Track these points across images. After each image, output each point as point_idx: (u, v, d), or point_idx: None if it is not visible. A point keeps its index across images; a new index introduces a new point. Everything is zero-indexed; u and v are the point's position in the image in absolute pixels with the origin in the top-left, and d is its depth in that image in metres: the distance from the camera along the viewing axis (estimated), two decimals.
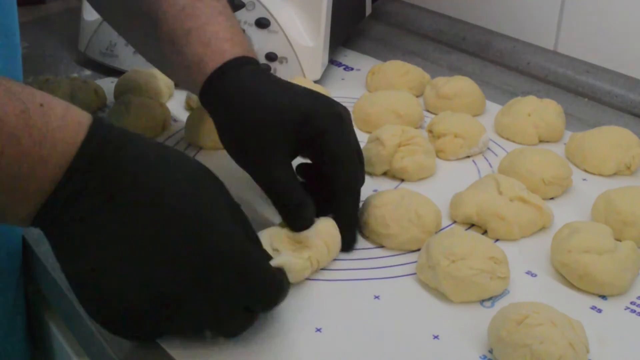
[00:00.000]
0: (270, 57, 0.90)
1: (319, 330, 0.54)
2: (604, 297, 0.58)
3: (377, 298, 0.57)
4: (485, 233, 0.65)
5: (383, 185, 0.72)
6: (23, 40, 0.64)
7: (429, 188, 0.70)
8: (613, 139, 0.74)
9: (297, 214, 0.58)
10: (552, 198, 0.70)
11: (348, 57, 1.03)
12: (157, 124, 0.80)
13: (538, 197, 0.66)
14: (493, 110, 0.86)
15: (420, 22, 1.12)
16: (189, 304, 0.47)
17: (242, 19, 0.90)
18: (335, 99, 0.63)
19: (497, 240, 0.64)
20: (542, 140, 0.80)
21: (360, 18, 1.09)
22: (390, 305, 0.57)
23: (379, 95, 0.83)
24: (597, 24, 0.92)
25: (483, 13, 1.05)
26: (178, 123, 0.83)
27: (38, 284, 0.68)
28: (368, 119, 0.81)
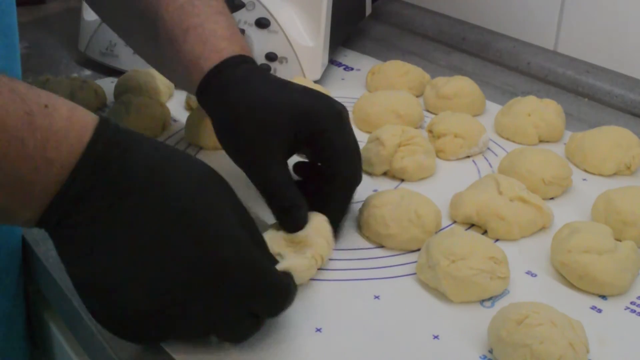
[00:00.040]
0: (270, 57, 0.90)
1: (319, 330, 0.54)
2: (604, 297, 0.58)
3: (377, 298, 0.57)
4: (485, 233, 0.65)
5: (383, 185, 0.72)
6: (23, 40, 0.64)
7: (429, 188, 0.70)
8: (613, 139, 0.74)
9: (290, 215, 0.58)
10: (552, 198, 0.70)
11: (348, 57, 1.03)
12: (157, 124, 0.79)
13: (538, 197, 0.66)
14: (493, 110, 0.86)
15: (420, 22, 1.12)
16: (195, 309, 0.46)
17: (242, 19, 0.90)
18: (335, 99, 0.63)
19: (497, 240, 0.64)
20: (542, 140, 0.80)
21: (360, 18, 1.09)
22: (390, 305, 0.57)
23: (379, 95, 0.83)
24: (597, 24, 0.92)
25: (483, 13, 1.05)
26: (178, 123, 0.83)
27: (38, 284, 0.68)
28: (368, 119, 0.81)
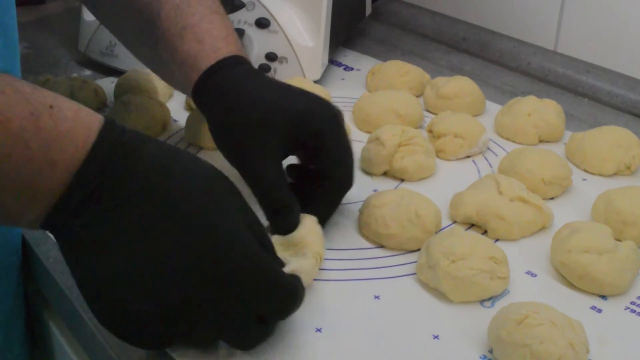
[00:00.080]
0: (270, 57, 0.90)
1: (319, 331, 0.54)
2: (604, 297, 0.58)
3: (377, 298, 0.57)
4: (485, 233, 0.65)
5: (383, 185, 0.72)
6: (23, 40, 0.64)
7: (429, 188, 0.70)
8: (613, 139, 0.74)
9: (282, 216, 0.58)
10: (552, 198, 0.70)
11: (348, 57, 1.03)
12: (157, 124, 0.79)
13: (538, 197, 0.66)
14: (493, 110, 0.86)
15: (420, 22, 1.12)
16: (202, 312, 0.46)
17: (242, 19, 0.90)
18: (335, 99, 0.63)
19: (497, 240, 0.64)
20: (542, 140, 0.80)
21: (360, 18, 1.09)
22: (390, 305, 0.57)
23: (379, 95, 0.83)
24: (597, 24, 0.92)
25: (483, 13, 1.05)
26: (178, 123, 0.83)
27: (38, 284, 0.68)
28: (368, 119, 0.81)
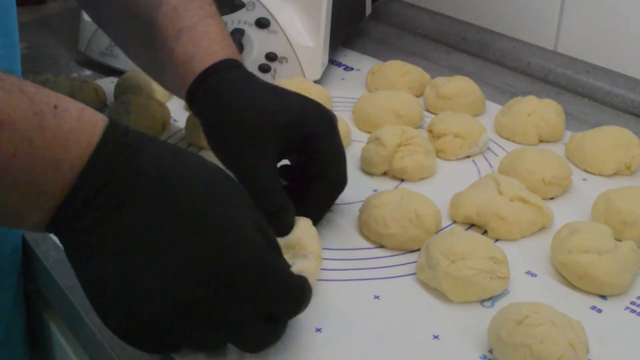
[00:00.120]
0: (270, 57, 0.90)
1: (319, 330, 0.54)
2: (604, 297, 0.58)
3: (377, 298, 0.57)
4: (485, 233, 0.65)
5: (383, 185, 0.72)
6: (23, 40, 0.64)
7: (429, 188, 0.70)
8: (613, 139, 0.74)
9: (278, 219, 0.57)
10: (552, 198, 0.70)
11: (348, 57, 1.03)
12: (157, 124, 0.79)
13: (538, 197, 0.66)
14: (493, 110, 0.86)
15: (420, 22, 1.12)
16: (209, 313, 0.45)
17: (242, 19, 0.90)
18: (335, 99, 0.64)
19: (497, 240, 0.64)
20: (542, 140, 0.80)
21: (360, 18, 1.09)
22: (390, 305, 0.57)
23: (379, 95, 0.83)
24: (597, 24, 0.92)
25: (483, 13, 1.05)
26: (178, 123, 0.83)
27: (38, 284, 0.68)
28: (368, 119, 0.81)
